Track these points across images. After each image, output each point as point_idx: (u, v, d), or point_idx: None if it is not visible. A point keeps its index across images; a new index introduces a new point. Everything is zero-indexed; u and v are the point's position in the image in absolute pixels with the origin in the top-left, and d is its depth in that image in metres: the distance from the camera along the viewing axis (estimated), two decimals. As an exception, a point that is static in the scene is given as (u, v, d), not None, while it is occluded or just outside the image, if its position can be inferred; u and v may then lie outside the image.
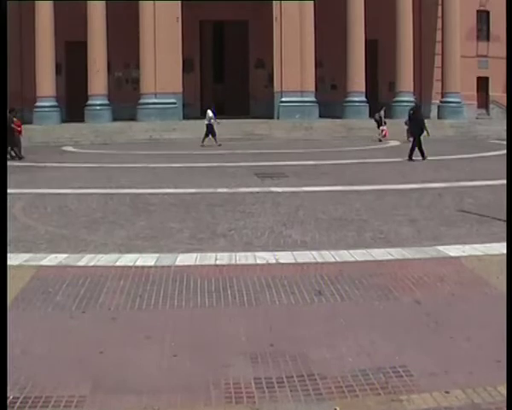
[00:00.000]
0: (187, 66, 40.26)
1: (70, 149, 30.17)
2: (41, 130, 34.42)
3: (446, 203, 13.15)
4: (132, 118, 37.40)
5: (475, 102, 43.20)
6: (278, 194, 14.62)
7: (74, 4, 37.55)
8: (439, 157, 23.44)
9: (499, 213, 10.89)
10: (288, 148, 28.84)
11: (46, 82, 37.07)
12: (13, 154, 25.06)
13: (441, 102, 39.90)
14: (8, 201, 9.38)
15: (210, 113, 30.59)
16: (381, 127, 33.39)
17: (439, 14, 41.13)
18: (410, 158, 22.39)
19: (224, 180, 17.12)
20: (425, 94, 42.43)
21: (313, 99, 38.28)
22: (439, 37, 41.40)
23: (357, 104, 38.45)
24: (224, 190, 15.27)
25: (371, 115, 38.00)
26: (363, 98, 38.61)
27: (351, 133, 35.00)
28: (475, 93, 43.57)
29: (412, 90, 39.16)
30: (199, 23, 43.18)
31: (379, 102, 40.72)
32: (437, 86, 41.87)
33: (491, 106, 43.73)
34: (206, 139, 30.24)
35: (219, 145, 29.49)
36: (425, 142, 22.70)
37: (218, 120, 31.21)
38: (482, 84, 43.96)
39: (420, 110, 24.37)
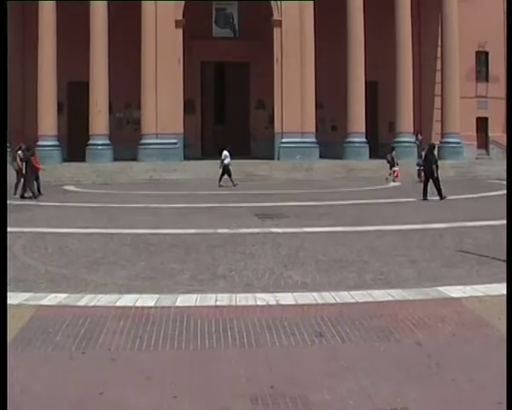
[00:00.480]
0: (188, 106, 40.50)
1: (71, 188, 30.25)
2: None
3: (447, 244, 13.15)
4: (133, 158, 37.55)
5: (475, 143, 43.39)
6: (278, 235, 14.62)
7: (77, 45, 37.98)
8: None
9: (499, 253, 10.89)
10: (288, 188, 28.89)
11: (48, 121, 37.35)
12: (35, 193, 25.30)
13: (441, 142, 40.02)
14: (8, 239, 9.41)
15: (226, 153, 30.78)
16: (393, 168, 33.68)
17: (439, 55, 41.50)
18: (425, 198, 22.55)
19: (224, 221, 17.13)
20: (425, 135, 42.56)
21: (313, 140, 38.45)
22: (438, 78, 41.73)
23: (357, 145, 38.62)
24: (225, 230, 15.27)
25: (371, 156, 38.29)
26: (364, 139, 38.80)
27: (351, 174, 35.09)
28: (475, 133, 43.77)
29: (412, 130, 39.38)
30: (200, 64, 43.54)
31: (379, 142, 41.11)
32: (437, 127, 42.09)
33: (490, 146, 43.90)
34: (223, 179, 30.51)
35: (235, 185, 29.72)
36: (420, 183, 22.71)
37: (229, 162, 31.38)
38: (482, 124, 44.19)
39: (433, 150, 24.54)
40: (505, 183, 16.65)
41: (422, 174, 26.71)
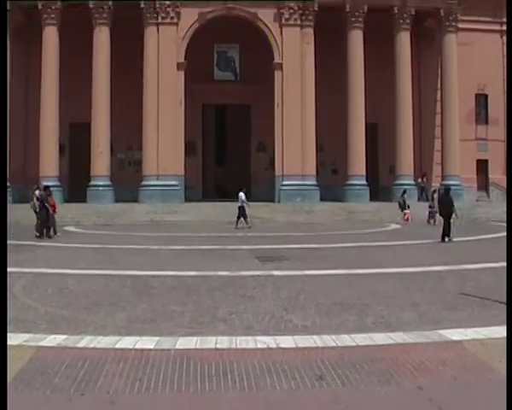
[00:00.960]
0: (189, 148, 40.76)
1: (72, 229, 30.24)
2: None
3: (448, 287, 13.10)
4: (134, 199, 37.68)
5: (475, 185, 43.57)
6: (279, 277, 14.57)
7: (80, 87, 38.38)
8: (441, 240, 23.44)
9: (501, 296, 10.85)
10: (289, 231, 28.87)
11: (49, 162, 37.60)
12: (51, 233, 25.40)
13: (441, 185, 40.10)
14: (8, 280, 9.39)
15: (242, 195, 30.93)
16: (404, 211, 33.80)
17: (439, 97, 41.84)
18: (443, 239, 22.86)
19: (224, 263, 17.08)
20: (420, 177, 42.84)
21: (314, 183, 38.57)
22: (438, 121, 42.05)
23: (357, 188, 38.75)
24: (225, 273, 15.21)
25: (372, 199, 38.37)
26: (364, 182, 38.94)
27: (352, 217, 35.11)
28: (475, 176, 43.96)
29: (412, 173, 39.52)
30: (201, 106, 43.86)
31: (380, 185, 41.27)
32: (437, 169, 42.26)
33: (490, 188, 44.05)
34: (239, 221, 30.56)
35: (249, 227, 29.78)
36: (424, 223, 22.69)
37: (250, 204, 31.49)
38: (482, 166, 44.40)
39: (449, 193, 24.68)
40: (505, 225, 16.64)
41: (437, 216, 28.68)
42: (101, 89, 37.69)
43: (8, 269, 9.74)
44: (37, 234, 25.28)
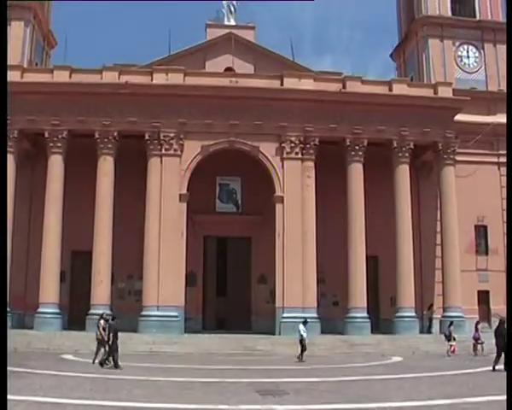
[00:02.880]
0: (190, 279, 40.80)
1: (69, 357, 29.88)
2: (41, 336, 34.54)
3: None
4: (134, 329, 37.36)
5: (477, 316, 43.27)
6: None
7: (82, 215, 38.94)
8: (444, 372, 23.17)
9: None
10: (289, 364, 28.51)
11: (50, 289, 37.61)
12: (117, 362, 25.06)
13: (443, 316, 39.97)
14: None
15: (303, 327, 30.80)
16: (449, 343, 33.55)
17: (438, 229, 42.20)
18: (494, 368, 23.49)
19: (224, 396, 16.82)
20: (425, 308, 42.62)
21: (315, 315, 38.31)
22: (438, 252, 42.24)
23: (358, 320, 38.51)
24: (225, 406, 14.96)
25: (373, 331, 38.10)
26: (365, 314, 38.73)
27: (353, 349, 34.72)
28: (476, 306, 43.76)
29: (413, 305, 39.36)
30: (203, 238, 44.17)
31: (381, 317, 41.09)
32: (438, 301, 42.12)
33: (492, 319, 43.71)
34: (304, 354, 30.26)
35: (303, 361, 29.42)
36: (428, 357, 22.45)
37: (306, 338, 31.15)
38: (483, 297, 44.28)
39: (503, 325, 24.93)
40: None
41: (479, 347, 31.68)
42: (103, 217, 38.15)
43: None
44: (99, 362, 25.10)
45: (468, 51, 48.31)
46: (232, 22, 50.12)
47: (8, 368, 19.37)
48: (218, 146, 39.88)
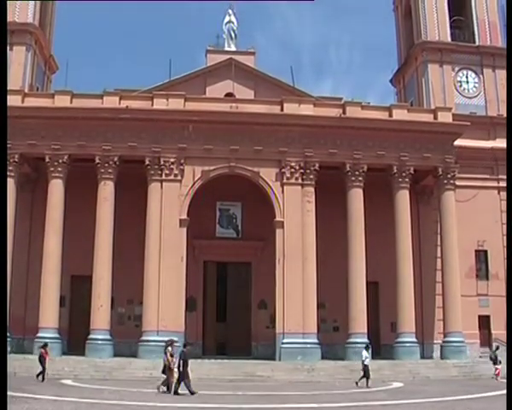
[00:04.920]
0: (190, 304, 40.71)
1: (69, 382, 29.74)
2: (41, 361, 34.34)
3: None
4: (133, 354, 37.23)
5: (478, 341, 43.18)
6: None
7: (82, 239, 38.97)
8: (444, 398, 23.05)
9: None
10: (289, 390, 28.37)
11: (49, 313, 37.47)
12: (190, 387, 24.99)
13: (443, 341, 39.82)
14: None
15: (365, 353, 30.73)
16: (495, 366, 33.44)
17: (439, 254, 42.13)
18: None
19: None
20: (427, 334, 42.53)
21: (315, 341, 38.15)
22: (439, 277, 42.15)
23: (359, 346, 38.21)
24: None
25: (373, 357, 37.89)
26: (365, 340, 38.48)
27: (354, 375, 34.44)
28: (477, 331, 43.61)
29: (414, 330, 39.19)
30: (203, 263, 44.13)
31: (381, 342, 40.93)
32: (439, 326, 41.99)
33: (494, 344, 43.63)
34: (362, 380, 30.27)
35: (368, 387, 29.23)
36: (429, 382, 22.33)
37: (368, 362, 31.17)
38: (484, 322, 44.12)
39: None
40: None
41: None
42: (103, 242, 38.12)
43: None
44: (173, 391, 25.09)
45: (467, 76, 48.57)
46: (232, 48, 50.47)
47: (8, 393, 19.33)
48: (218, 171, 39.91)
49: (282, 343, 38.06)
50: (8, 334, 29.98)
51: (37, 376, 29.67)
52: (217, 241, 43.69)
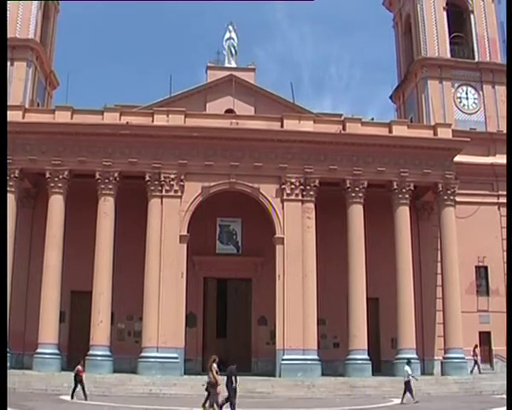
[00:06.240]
0: (190, 320, 40.62)
1: (68, 398, 29.61)
2: (40, 376, 34.28)
3: None
4: (133, 370, 37.12)
5: (479, 357, 42.99)
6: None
7: (82, 254, 38.97)
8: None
9: None
10: (289, 406, 28.28)
11: (49, 329, 37.34)
12: (234, 405, 25.20)
13: (444, 358, 39.68)
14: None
15: (408, 369, 30.46)
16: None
17: (439, 270, 42.06)
18: None
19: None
20: (427, 350, 42.38)
21: (315, 357, 38.01)
22: (439, 293, 42.04)
23: (359, 362, 38.17)
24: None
25: (374, 373, 37.82)
26: (366, 356, 38.40)
27: (354, 391, 34.40)
28: (478, 348, 43.42)
29: (414, 346, 39.02)
30: (203, 279, 44.05)
31: (382, 358, 40.83)
32: (439, 342, 41.85)
33: (494, 360, 43.47)
34: (406, 397, 29.82)
35: (416, 402, 29.01)
36: (430, 399, 22.19)
37: (417, 377, 30.91)
38: (484, 338, 43.97)
39: None
40: None
41: None
42: (103, 257, 38.06)
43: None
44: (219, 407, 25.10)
45: (467, 92, 48.67)
46: (233, 64, 50.66)
47: (8, 409, 19.25)
48: (218, 187, 39.91)
49: (283, 360, 37.92)
50: (7, 349, 29.82)
51: (72, 396, 29.15)
52: (217, 257, 43.62)
